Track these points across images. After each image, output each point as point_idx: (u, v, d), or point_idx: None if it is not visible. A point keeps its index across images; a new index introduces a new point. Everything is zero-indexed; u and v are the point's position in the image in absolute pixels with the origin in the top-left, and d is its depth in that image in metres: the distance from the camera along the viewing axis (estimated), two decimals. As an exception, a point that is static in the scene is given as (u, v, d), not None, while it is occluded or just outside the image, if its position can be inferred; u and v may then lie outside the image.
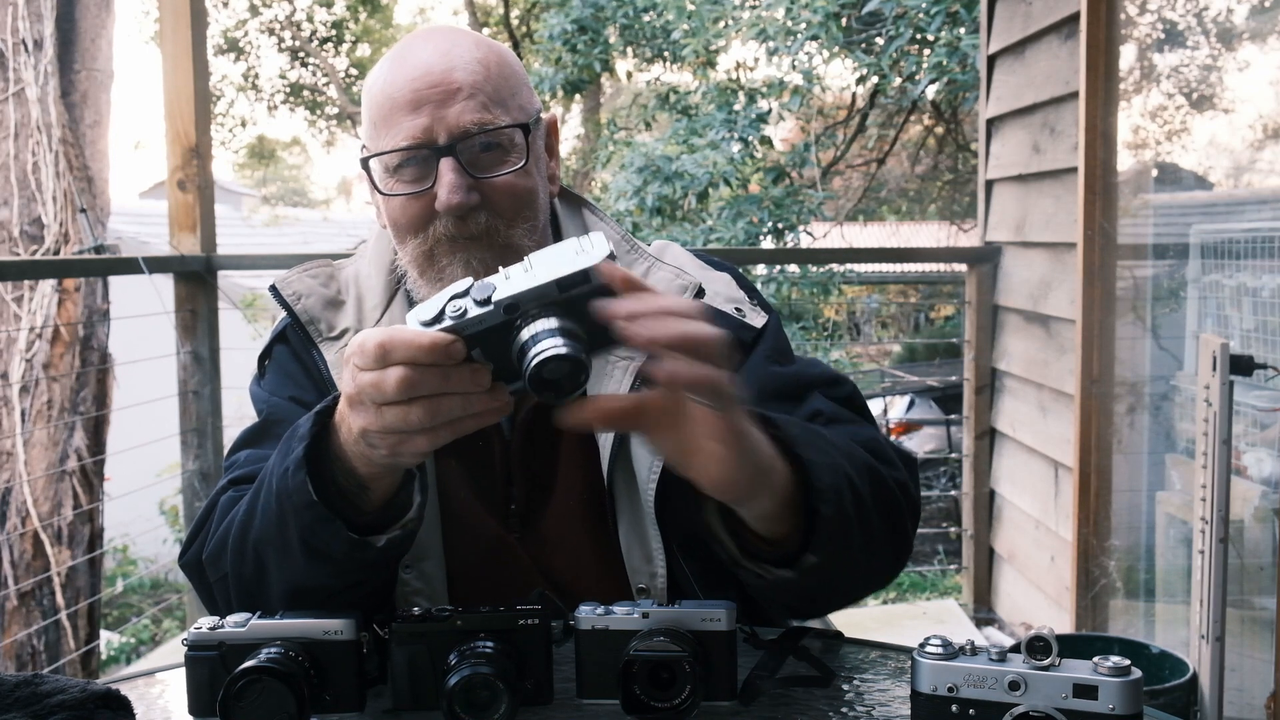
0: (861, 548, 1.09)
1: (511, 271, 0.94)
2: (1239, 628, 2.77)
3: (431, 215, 1.25)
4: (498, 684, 0.99)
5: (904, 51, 7.65)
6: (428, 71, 1.24)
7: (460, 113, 1.23)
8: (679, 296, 1.29)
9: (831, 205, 11.51)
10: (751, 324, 1.33)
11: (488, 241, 1.25)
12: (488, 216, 1.25)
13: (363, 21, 15.39)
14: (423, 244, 1.26)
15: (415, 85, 1.23)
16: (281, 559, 1.11)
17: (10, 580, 3.91)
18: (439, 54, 1.25)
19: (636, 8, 8.74)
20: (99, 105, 4.24)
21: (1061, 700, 0.88)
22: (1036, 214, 3.89)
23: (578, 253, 0.94)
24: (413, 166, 1.25)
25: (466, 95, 1.23)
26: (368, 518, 1.07)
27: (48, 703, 0.97)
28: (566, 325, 0.92)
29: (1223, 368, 2.32)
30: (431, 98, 1.22)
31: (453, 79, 1.23)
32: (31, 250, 3.95)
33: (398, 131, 1.23)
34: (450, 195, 1.22)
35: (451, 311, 0.92)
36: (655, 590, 1.28)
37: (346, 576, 1.10)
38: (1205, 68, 3.74)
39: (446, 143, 1.23)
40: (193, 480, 3.96)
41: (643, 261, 1.36)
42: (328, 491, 1.05)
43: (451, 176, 1.22)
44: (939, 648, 0.92)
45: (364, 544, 1.06)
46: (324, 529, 1.05)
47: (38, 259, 3.92)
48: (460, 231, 1.24)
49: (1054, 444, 3.72)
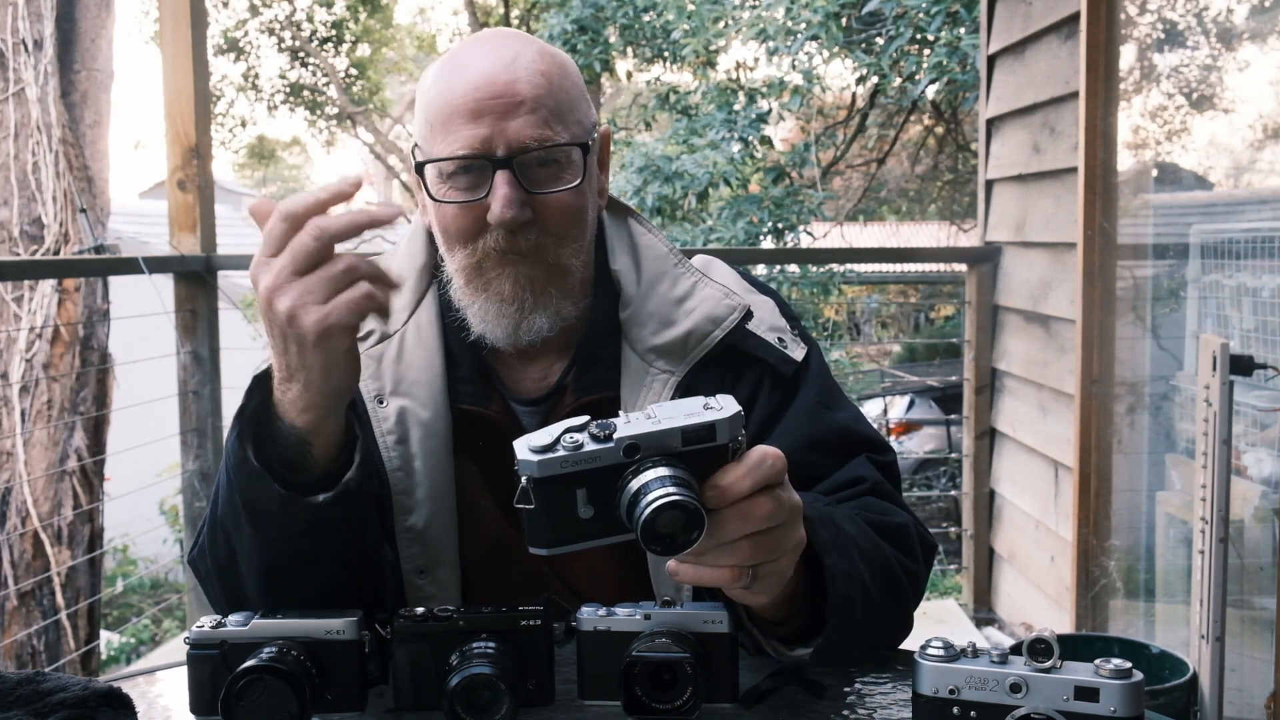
0: (865, 636, 1.12)
1: (633, 416, 0.93)
2: (1239, 628, 2.77)
3: (483, 227, 1.24)
4: (499, 684, 0.99)
5: (904, 51, 7.65)
6: (491, 80, 1.22)
7: (521, 127, 1.21)
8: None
9: (831, 205, 11.52)
10: (793, 356, 1.32)
11: (536, 258, 1.25)
12: (538, 234, 1.24)
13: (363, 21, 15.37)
14: (471, 256, 1.25)
15: (478, 94, 1.21)
16: (238, 532, 1.14)
17: (10, 580, 3.91)
18: (503, 63, 1.23)
19: (636, 8, 8.73)
20: (99, 105, 4.24)
21: (1063, 702, 0.88)
22: (1036, 214, 3.89)
23: (705, 407, 0.93)
24: (468, 175, 1.24)
25: (529, 109, 1.22)
26: (313, 478, 1.10)
27: (49, 701, 0.97)
28: (683, 475, 0.90)
29: (1223, 368, 2.32)
30: (493, 108, 1.21)
31: (516, 90, 1.22)
32: (31, 250, 3.95)
33: (456, 139, 1.22)
34: (505, 209, 1.21)
35: (567, 443, 0.91)
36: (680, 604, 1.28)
37: (295, 543, 1.11)
38: (1205, 68, 3.74)
39: (505, 155, 1.21)
40: (193, 480, 3.96)
41: (689, 276, 1.35)
42: (268, 460, 1.09)
43: (507, 190, 1.21)
44: (940, 650, 0.92)
45: (296, 500, 1.08)
46: (258, 487, 1.08)
47: (38, 259, 3.92)
48: (510, 246, 1.24)
49: (1054, 444, 3.72)
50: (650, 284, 1.33)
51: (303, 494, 1.09)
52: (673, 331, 1.30)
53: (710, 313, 1.31)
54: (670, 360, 1.30)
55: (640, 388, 1.29)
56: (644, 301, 1.32)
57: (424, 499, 1.28)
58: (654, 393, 1.29)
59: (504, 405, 1.33)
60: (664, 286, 1.33)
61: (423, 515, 1.28)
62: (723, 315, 1.31)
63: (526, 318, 1.26)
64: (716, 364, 1.31)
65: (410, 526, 1.28)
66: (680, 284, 1.33)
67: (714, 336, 1.30)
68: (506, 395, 1.34)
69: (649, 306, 1.32)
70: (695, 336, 1.30)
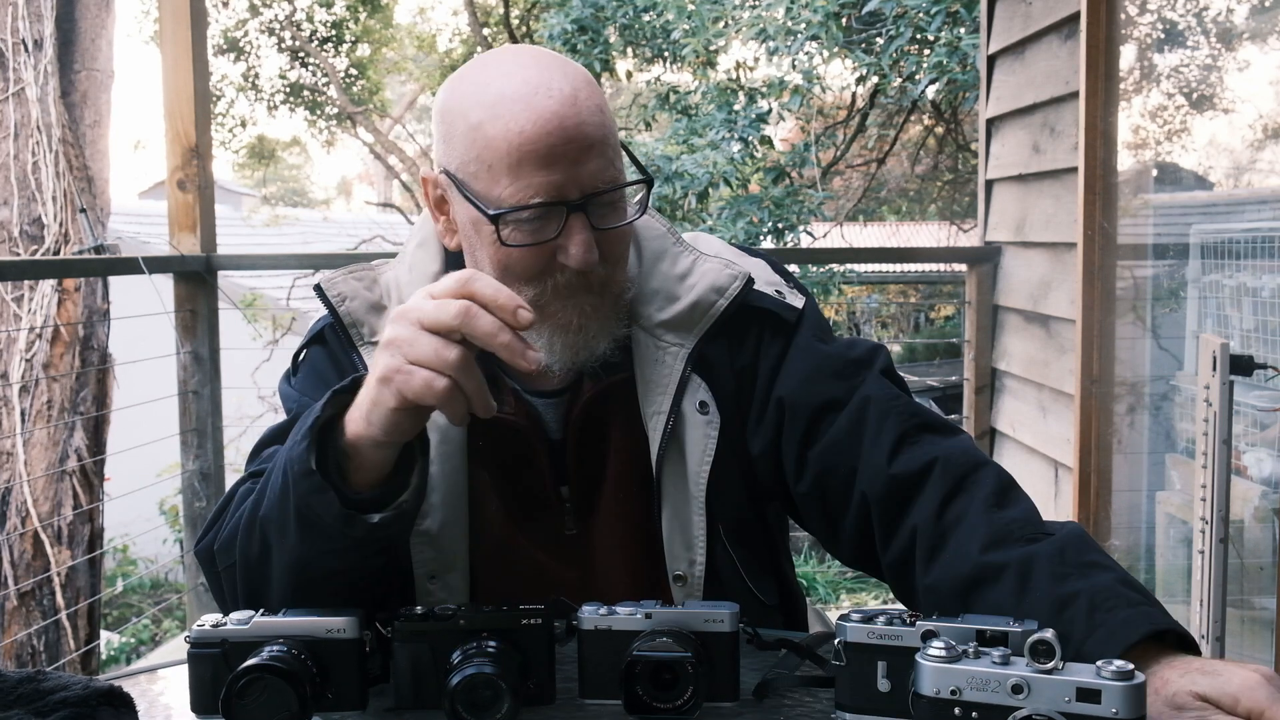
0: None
1: None
2: (1239, 628, 2.77)
3: (553, 267, 1.23)
4: (500, 683, 0.99)
5: (904, 51, 7.65)
6: (561, 124, 1.19)
7: (595, 171, 1.21)
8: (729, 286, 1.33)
9: (831, 205, 11.52)
10: (793, 304, 1.36)
11: (601, 290, 1.26)
12: (605, 269, 1.25)
13: (363, 21, 15.36)
14: (540, 296, 1.24)
15: (550, 139, 1.19)
16: (280, 536, 1.14)
17: (10, 580, 3.91)
18: (567, 102, 1.20)
19: (636, 8, 8.72)
20: (99, 105, 4.24)
21: (1065, 704, 0.87)
22: (1036, 214, 3.89)
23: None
24: (539, 220, 1.22)
25: (598, 151, 1.21)
26: (364, 496, 1.12)
27: (50, 700, 0.97)
28: None
29: (1223, 368, 2.32)
30: (566, 154, 1.19)
31: (584, 134, 1.20)
32: (31, 250, 3.95)
33: (528, 186, 1.20)
34: (586, 255, 1.21)
35: None
36: (693, 577, 1.30)
37: (339, 555, 1.13)
38: (1205, 68, 3.73)
39: (579, 199, 1.21)
40: (193, 480, 3.95)
41: (688, 254, 1.37)
42: (328, 469, 1.10)
43: (585, 235, 1.21)
44: (941, 650, 0.92)
45: (354, 518, 1.10)
46: (318, 498, 1.09)
47: (38, 259, 3.92)
48: (582, 284, 1.24)
49: (1054, 444, 3.72)
50: (652, 262, 1.35)
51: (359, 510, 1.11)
52: (678, 305, 1.32)
53: (713, 283, 1.33)
54: (679, 333, 1.32)
55: (653, 363, 1.31)
56: (647, 280, 1.34)
57: (438, 504, 1.29)
58: (667, 367, 1.31)
59: (518, 401, 1.33)
60: (665, 264, 1.35)
61: (436, 520, 1.29)
62: (725, 284, 1.33)
63: (589, 344, 1.27)
64: (724, 331, 1.33)
65: (424, 531, 1.28)
66: (680, 262, 1.36)
67: (719, 306, 1.32)
68: (522, 390, 1.34)
69: (652, 284, 1.34)
70: (701, 307, 1.32)
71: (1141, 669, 0.90)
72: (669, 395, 1.30)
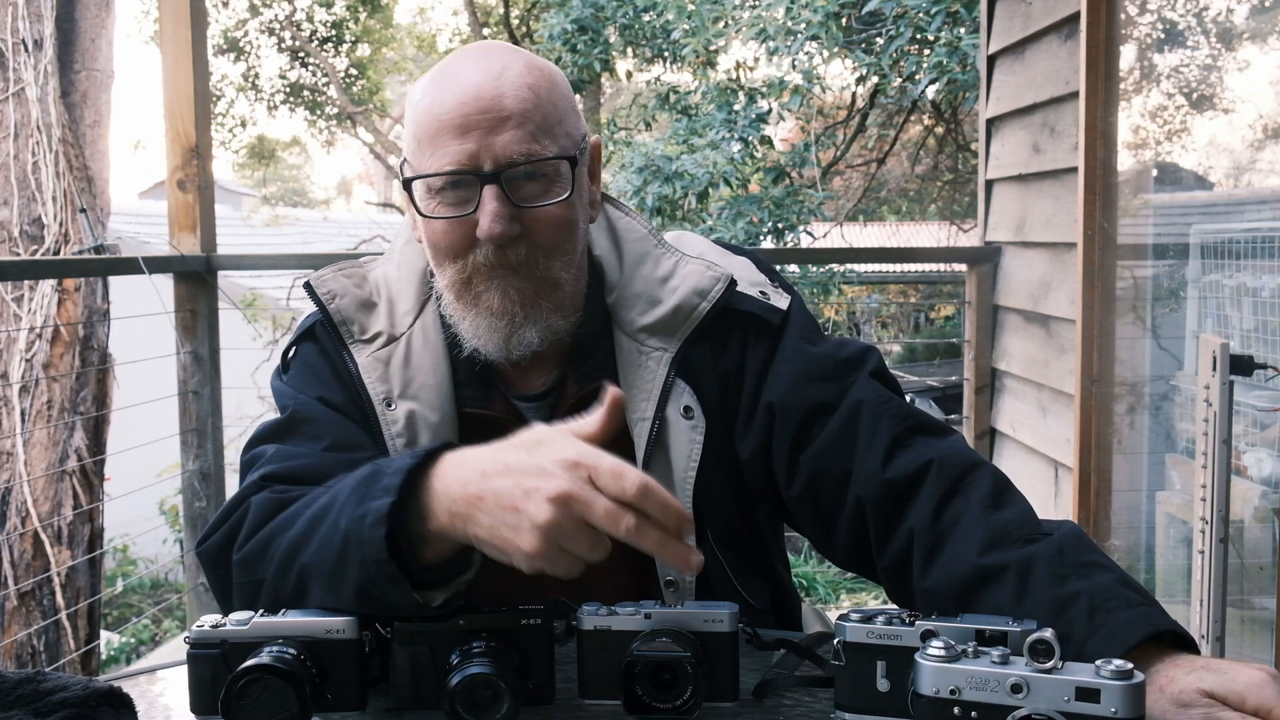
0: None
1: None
2: (1239, 628, 2.77)
3: (472, 242, 1.24)
4: (499, 684, 0.99)
5: (904, 51, 7.64)
6: (478, 95, 1.22)
7: (508, 142, 1.21)
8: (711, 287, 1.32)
9: (831, 205, 11.51)
10: (778, 306, 1.34)
11: (526, 272, 1.25)
12: (528, 248, 1.25)
13: (363, 21, 15.37)
14: (461, 271, 1.26)
15: (465, 109, 1.21)
16: (328, 592, 1.09)
17: (10, 580, 3.91)
18: (490, 77, 1.23)
19: (636, 8, 8.73)
20: (99, 105, 4.24)
21: (1064, 703, 0.87)
22: (1036, 214, 3.88)
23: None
24: (456, 190, 1.24)
25: (516, 124, 1.21)
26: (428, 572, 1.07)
27: (49, 700, 0.97)
28: None
29: (1223, 368, 2.32)
30: (480, 123, 1.21)
31: (503, 105, 1.21)
32: (31, 250, 3.95)
33: (443, 155, 1.22)
34: (493, 224, 1.21)
35: None
36: (683, 582, 1.30)
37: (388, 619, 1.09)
38: (1205, 68, 3.73)
39: (492, 170, 1.21)
40: (193, 480, 3.95)
41: (670, 256, 1.36)
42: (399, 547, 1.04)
43: (495, 205, 1.21)
44: (941, 650, 0.92)
45: (422, 605, 1.06)
46: (390, 587, 1.04)
47: (38, 259, 3.92)
48: (500, 261, 1.24)
49: (1054, 444, 3.72)
50: (633, 266, 1.35)
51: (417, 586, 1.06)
52: (660, 309, 1.32)
53: (695, 286, 1.32)
54: (662, 337, 1.32)
55: (637, 369, 1.30)
56: (629, 284, 1.34)
57: None
58: (650, 371, 1.30)
59: (507, 404, 1.34)
60: (647, 268, 1.35)
61: None
62: (708, 287, 1.32)
63: (517, 331, 1.26)
64: (707, 334, 1.33)
65: None
66: (662, 264, 1.35)
67: (701, 309, 1.31)
68: (509, 394, 1.35)
69: (634, 288, 1.33)
70: (683, 311, 1.31)
71: (1143, 669, 0.90)
72: (653, 401, 1.30)
